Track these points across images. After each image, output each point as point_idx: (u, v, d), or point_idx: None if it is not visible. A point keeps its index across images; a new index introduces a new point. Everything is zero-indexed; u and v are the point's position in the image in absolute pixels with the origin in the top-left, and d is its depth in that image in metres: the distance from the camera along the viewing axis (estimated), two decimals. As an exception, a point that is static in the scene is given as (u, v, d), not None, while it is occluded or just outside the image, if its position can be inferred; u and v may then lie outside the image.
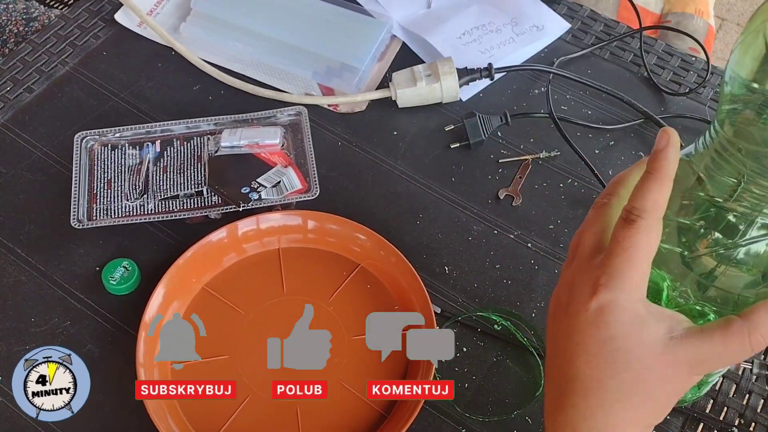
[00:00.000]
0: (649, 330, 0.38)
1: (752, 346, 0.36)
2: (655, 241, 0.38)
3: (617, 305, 0.38)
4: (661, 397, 0.38)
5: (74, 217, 0.64)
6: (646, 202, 0.38)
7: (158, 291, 0.61)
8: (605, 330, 0.38)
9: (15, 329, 0.62)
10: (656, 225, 0.38)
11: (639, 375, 0.38)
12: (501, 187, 0.71)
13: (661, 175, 0.38)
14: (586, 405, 0.39)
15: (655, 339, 0.38)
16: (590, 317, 0.39)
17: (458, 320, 0.64)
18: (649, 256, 0.38)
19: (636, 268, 0.38)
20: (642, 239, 0.38)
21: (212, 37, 0.80)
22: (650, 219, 0.38)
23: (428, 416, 0.59)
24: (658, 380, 0.38)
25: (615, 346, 0.38)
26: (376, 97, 0.76)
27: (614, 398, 0.38)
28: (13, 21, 1.06)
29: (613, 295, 0.38)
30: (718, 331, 0.37)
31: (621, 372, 0.38)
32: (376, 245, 0.65)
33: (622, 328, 0.38)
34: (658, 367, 0.37)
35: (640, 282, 0.38)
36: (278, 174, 0.67)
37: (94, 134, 0.69)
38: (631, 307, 0.38)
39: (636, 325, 0.38)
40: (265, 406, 0.59)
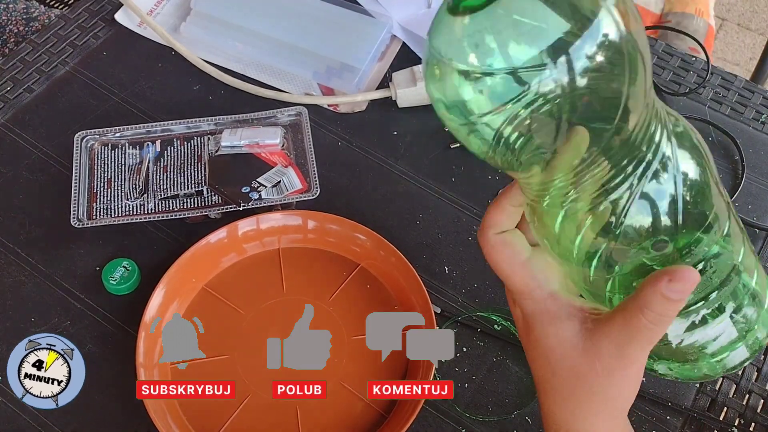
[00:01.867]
0: (563, 327, 0.39)
1: (652, 323, 0.35)
2: (504, 247, 0.40)
3: (528, 311, 0.40)
4: (603, 390, 0.39)
5: (74, 216, 0.64)
6: (483, 225, 0.40)
7: (158, 291, 0.61)
8: (531, 333, 0.40)
9: (15, 329, 0.62)
10: (497, 238, 0.40)
11: (572, 371, 0.39)
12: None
13: (502, 200, 0.40)
14: (547, 405, 0.41)
15: (571, 334, 0.38)
16: (520, 324, 0.42)
17: (458, 320, 0.64)
18: (514, 261, 0.40)
19: (511, 275, 0.40)
20: (493, 254, 0.40)
21: (212, 37, 0.80)
22: (488, 235, 0.40)
23: (428, 416, 0.59)
24: (591, 375, 0.38)
25: (543, 346, 0.40)
26: (376, 97, 0.76)
27: (563, 396, 0.40)
28: (13, 21, 1.06)
29: (521, 304, 0.41)
30: (618, 315, 0.37)
31: (558, 370, 0.39)
32: (376, 245, 0.65)
33: (541, 328, 0.40)
34: (585, 363, 0.38)
35: (528, 283, 0.40)
36: (278, 174, 0.67)
37: (94, 134, 0.69)
38: (541, 308, 0.40)
39: (550, 324, 0.39)
40: (265, 406, 0.59)
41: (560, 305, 0.39)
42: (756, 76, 1.30)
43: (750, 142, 0.76)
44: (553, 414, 0.41)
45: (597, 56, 0.30)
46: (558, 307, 0.39)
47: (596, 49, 0.30)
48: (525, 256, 0.40)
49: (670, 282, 0.34)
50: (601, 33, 0.30)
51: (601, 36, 0.30)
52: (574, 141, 0.32)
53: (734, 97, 0.80)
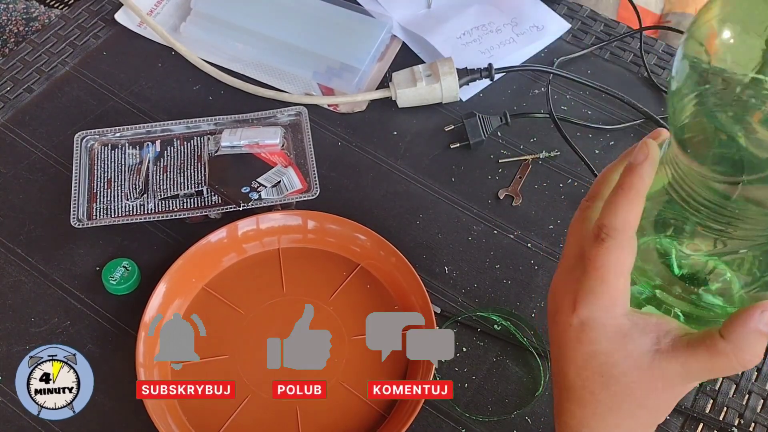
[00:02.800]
0: (633, 343, 0.37)
1: (741, 365, 0.34)
2: (627, 258, 0.37)
3: (597, 322, 0.37)
4: (654, 405, 0.38)
5: (74, 216, 0.64)
6: (616, 221, 0.36)
7: (158, 291, 0.61)
8: (589, 345, 0.38)
9: (15, 329, 0.62)
10: (628, 243, 0.37)
11: (627, 387, 0.37)
12: (501, 187, 0.71)
13: (633, 193, 0.36)
14: (582, 414, 0.39)
15: (641, 352, 0.37)
16: (574, 332, 0.38)
17: (458, 320, 0.64)
18: (623, 273, 0.37)
19: (610, 285, 0.37)
20: (612, 258, 0.36)
21: (212, 37, 0.80)
22: (620, 238, 0.36)
23: (428, 416, 0.59)
24: (649, 392, 0.37)
25: (600, 361, 0.38)
26: (376, 97, 0.76)
27: (606, 408, 0.38)
28: (13, 21, 1.06)
29: (591, 312, 0.37)
30: (703, 349, 0.35)
31: (610, 385, 0.38)
32: (376, 245, 0.65)
33: (606, 343, 0.37)
34: (646, 380, 0.37)
35: (618, 297, 0.37)
36: (278, 174, 0.67)
37: (94, 134, 0.69)
38: (612, 322, 0.37)
39: (619, 339, 0.37)
40: (265, 406, 0.59)
41: (634, 322, 0.37)
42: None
43: None
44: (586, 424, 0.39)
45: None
46: (632, 324, 0.37)
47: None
48: (631, 268, 0.37)
49: (763, 313, 0.33)
50: None
51: None
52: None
53: (734, 97, 0.80)
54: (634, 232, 0.37)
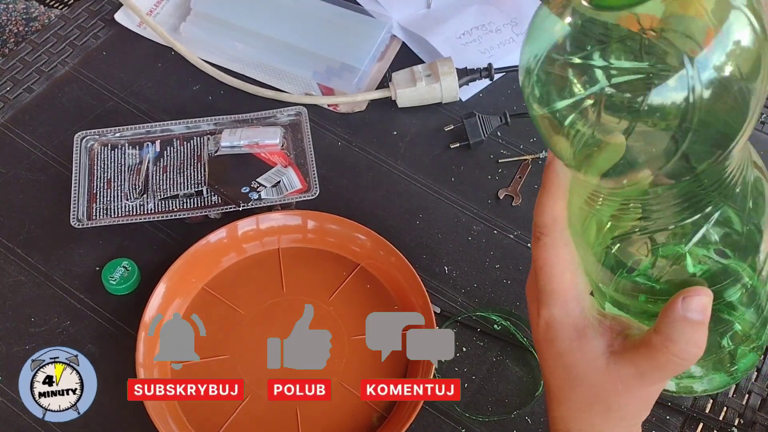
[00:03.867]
0: (588, 345, 0.37)
1: (680, 357, 0.34)
2: (566, 252, 0.37)
3: (557, 321, 0.38)
4: (622, 407, 0.38)
5: (74, 216, 0.64)
6: (545, 219, 0.38)
7: (158, 291, 0.61)
8: (554, 346, 0.38)
9: (15, 329, 0.62)
10: (560, 237, 0.37)
11: (592, 389, 0.38)
12: (501, 187, 0.71)
13: (554, 188, 0.37)
14: (560, 412, 0.40)
15: (596, 355, 0.37)
16: (542, 333, 0.39)
17: (458, 320, 0.64)
18: (566, 267, 0.37)
19: (558, 281, 0.37)
20: (551, 254, 0.37)
21: (212, 37, 0.80)
22: (553, 233, 0.37)
23: (428, 416, 0.59)
24: (611, 394, 0.37)
25: (564, 362, 0.38)
26: (376, 97, 0.76)
27: (580, 408, 0.39)
28: (13, 21, 1.06)
29: (550, 311, 0.38)
30: (643, 348, 0.35)
31: (576, 385, 0.38)
32: (376, 245, 0.65)
33: (566, 343, 0.38)
34: (607, 382, 0.37)
35: (568, 294, 0.38)
36: (278, 174, 0.67)
37: (94, 134, 0.69)
38: (569, 321, 0.38)
39: (576, 339, 0.38)
40: (265, 406, 0.59)
41: (589, 323, 0.38)
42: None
43: (750, 141, 0.76)
44: (565, 422, 0.40)
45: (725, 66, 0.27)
46: (586, 325, 0.38)
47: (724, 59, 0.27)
48: (577, 265, 0.38)
49: (685, 299, 0.33)
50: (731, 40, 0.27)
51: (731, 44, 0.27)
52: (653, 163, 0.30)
53: (734, 97, 0.80)
54: (564, 226, 0.38)
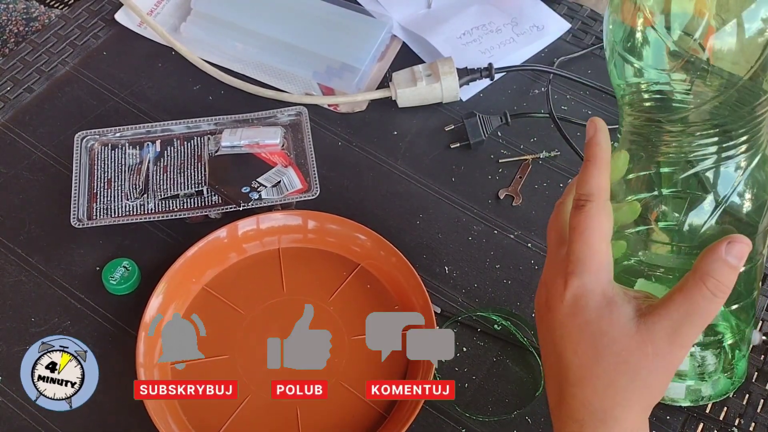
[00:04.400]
0: (618, 310, 0.39)
1: (713, 292, 0.37)
2: (606, 221, 0.40)
3: (587, 289, 0.40)
4: (648, 376, 0.39)
5: (74, 216, 0.64)
6: (591, 188, 0.40)
7: (158, 291, 0.61)
8: (581, 316, 0.40)
9: (15, 329, 0.62)
10: (604, 206, 0.40)
11: (620, 356, 0.39)
12: (501, 187, 0.71)
13: (598, 160, 0.40)
14: (583, 393, 0.40)
15: (626, 318, 0.39)
16: (567, 307, 0.40)
17: (458, 320, 0.64)
18: (604, 237, 0.40)
19: (595, 249, 0.40)
20: (594, 222, 0.40)
21: (212, 37, 0.80)
22: (598, 201, 0.40)
23: (428, 416, 0.59)
24: (640, 359, 0.38)
25: (592, 330, 0.39)
26: (376, 97, 0.76)
27: (605, 383, 0.39)
28: (13, 21, 1.06)
29: (581, 280, 0.40)
30: (677, 293, 0.38)
31: (604, 355, 0.39)
32: (376, 245, 0.65)
33: (595, 311, 0.39)
34: (636, 346, 0.38)
35: (603, 263, 0.40)
36: (278, 174, 0.67)
37: (94, 134, 0.69)
38: (600, 289, 0.40)
39: (606, 306, 0.39)
40: (265, 406, 0.59)
41: (617, 291, 0.40)
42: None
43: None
44: (588, 402, 0.40)
45: None
46: (615, 293, 0.40)
47: None
48: (611, 235, 0.40)
49: (729, 244, 0.36)
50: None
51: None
52: None
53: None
54: (608, 197, 0.40)
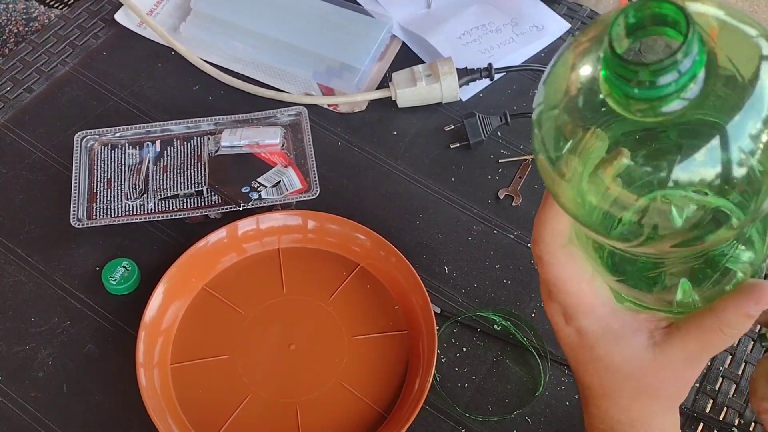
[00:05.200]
0: (628, 344, 0.38)
1: (731, 338, 0.36)
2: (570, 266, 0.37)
3: (588, 329, 0.39)
4: (669, 393, 0.39)
5: (74, 216, 0.64)
6: (545, 233, 0.37)
7: (158, 291, 0.61)
8: (591, 352, 0.39)
9: (15, 329, 0.62)
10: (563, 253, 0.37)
11: (639, 382, 0.39)
12: (501, 187, 0.71)
13: (550, 201, 0.37)
14: (606, 405, 0.41)
15: (639, 350, 0.38)
16: (576, 340, 0.40)
17: (458, 320, 0.64)
18: (579, 279, 0.38)
19: (574, 295, 0.38)
20: (558, 272, 0.37)
21: (212, 37, 0.80)
22: (554, 251, 0.37)
23: (428, 416, 0.59)
24: (660, 383, 0.38)
25: (605, 365, 0.39)
26: (376, 97, 0.76)
27: (626, 402, 0.40)
28: (13, 21, 1.06)
29: (579, 322, 0.39)
30: (694, 330, 0.37)
31: (622, 384, 0.39)
32: (376, 245, 0.65)
33: (604, 348, 0.39)
34: (653, 373, 0.38)
35: (591, 302, 0.38)
36: (278, 174, 0.67)
37: (94, 134, 0.69)
38: (603, 326, 0.38)
39: (615, 342, 0.38)
40: (265, 406, 0.59)
41: (623, 321, 0.38)
42: (756, 76, 1.30)
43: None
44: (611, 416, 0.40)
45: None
46: (621, 324, 0.38)
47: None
48: (590, 271, 0.38)
49: (757, 305, 0.34)
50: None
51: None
52: None
53: (734, 97, 0.80)
54: (565, 240, 0.37)
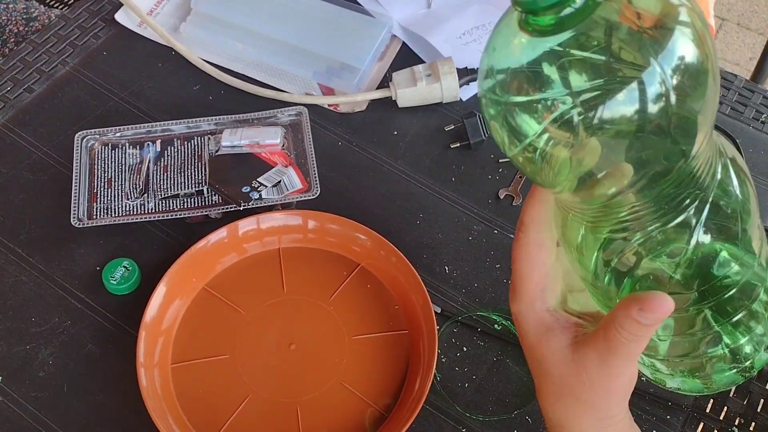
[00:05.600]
0: (555, 338, 0.40)
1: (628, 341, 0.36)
2: (538, 252, 0.39)
3: (523, 316, 0.41)
4: (589, 400, 0.39)
5: (74, 216, 0.64)
6: (524, 217, 0.40)
7: (158, 291, 0.61)
8: (524, 339, 0.41)
9: (15, 329, 0.62)
10: (535, 237, 0.39)
11: (561, 380, 0.40)
12: (501, 187, 0.71)
13: (536, 193, 0.40)
14: (541, 403, 0.42)
15: (562, 346, 0.39)
16: (517, 329, 0.42)
17: (459, 320, 0.64)
18: (535, 266, 0.40)
19: (525, 278, 0.40)
20: (524, 252, 0.40)
21: (212, 37, 0.80)
22: (528, 232, 0.39)
23: (428, 416, 0.59)
24: (578, 384, 0.39)
25: (535, 354, 0.41)
26: (376, 96, 0.76)
27: (553, 398, 0.41)
28: (13, 21, 1.06)
29: (518, 307, 0.41)
30: (600, 332, 0.38)
31: (548, 377, 0.40)
32: (376, 245, 0.65)
33: (534, 337, 0.40)
34: (572, 373, 0.39)
35: (536, 293, 0.40)
36: (279, 174, 0.67)
37: (94, 134, 0.69)
38: (535, 316, 0.40)
39: (542, 334, 0.40)
40: (265, 406, 0.59)
41: (556, 318, 0.40)
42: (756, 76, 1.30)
43: (750, 141, 0.76)
44: (547, 413, 0.42)
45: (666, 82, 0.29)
46: (553, 320, 0.40)
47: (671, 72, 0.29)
48: (548, 266, 0.40)
49: (641, 311, 0.35)
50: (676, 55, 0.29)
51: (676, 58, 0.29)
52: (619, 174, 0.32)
53: (734, 97, 0.80)
54: (541, 228, 0.40)
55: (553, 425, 0.42)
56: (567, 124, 0.30)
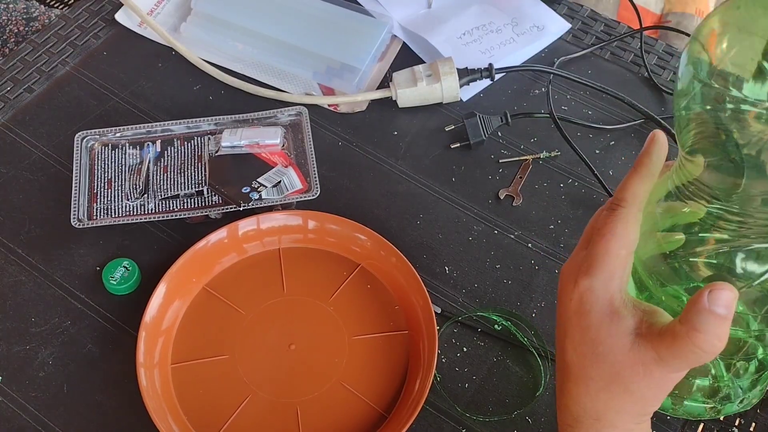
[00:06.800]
0: (619, 323, 0.38)
1: (701, 347, 0.35)
2: (632, 230, 0.39)
3: (593, 292, 0.39)
4: (640, 391, 0.39)
5: (74, 216, 0.64)
6: (626, 193, 0.40)
7: (158, 291, 0.61)
8: (585, 318, 0.39)
9: (15, 329, 0.62)
10: (635, 215, 0.39)
11: (613, 367, 0.38)
12: (501, 187, 0.71)
13: (643, 171, 0.40)
14: (577, 391, 0.40)
15: (624, 333, 0.38)
16: (574, 306, 0.40)
17: (458, 320, 0.64)
18: (626, 244, 0.39)
19: (613, 254, 0.39)
20: (620, 227, 0.39)
21: (212, 37, 0.80)
22: (629, 208, 0.39)
23: (428, 416, 0.59)
24: (632, 375, 0.38)
25: (592, 336, 0.39)
26: (376, 97, 0.76)
27: (598, 386, 0.39)
28: (13, 21, 1.06)
29: (591, 282, 0.39)
30: (668, 335, 0.36)
31: (599, 361, 0.39)
32: (376, 245, 0.65)
33: (597, 317, 0.39)
34: (628, 363, 0.38)
35: (617, 270, 0.39)
36: (279, 174, 0.67)
37: (94, 134, 0.69)
38: (606, 296, 0.39)
39: (608, 315, 0.39)
40: (266, 406, 0.59)
41: (625, 302, 0.39)
42: (756, 76, 1.30)
43: None
44: (581, 402, 0.40)
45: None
46: (622, 303, 0.39)
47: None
48: (635, 245, 0.40)
49: (711, 292, 0.34)
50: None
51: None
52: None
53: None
54: (641, 206, 0.40)
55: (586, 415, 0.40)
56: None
